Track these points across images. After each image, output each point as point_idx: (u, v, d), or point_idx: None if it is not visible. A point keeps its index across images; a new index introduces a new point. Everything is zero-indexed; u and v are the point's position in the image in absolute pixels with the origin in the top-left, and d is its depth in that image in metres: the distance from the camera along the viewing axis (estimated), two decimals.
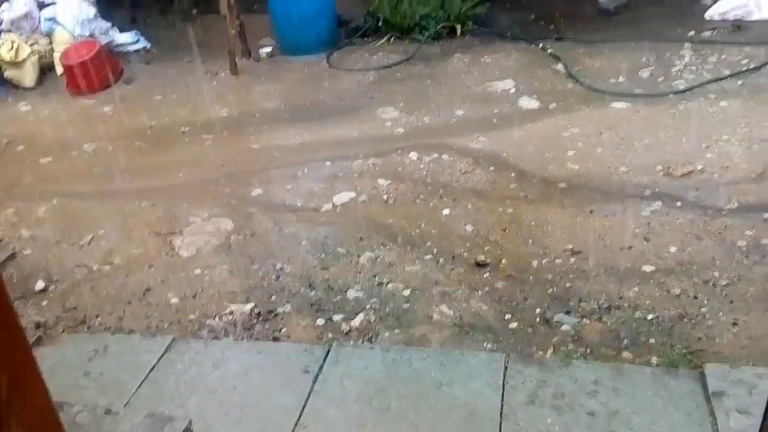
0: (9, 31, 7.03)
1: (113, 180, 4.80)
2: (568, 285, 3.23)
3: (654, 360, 2.73)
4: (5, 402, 0.99)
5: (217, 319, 3.23)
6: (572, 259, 3.41)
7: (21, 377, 1.06)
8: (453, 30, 6.75)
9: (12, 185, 4.89)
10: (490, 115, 5.12)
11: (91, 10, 7.27)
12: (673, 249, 3.39)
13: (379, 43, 6.85)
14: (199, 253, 3.81)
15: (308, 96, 5.91)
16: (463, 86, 5.69)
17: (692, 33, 6.09)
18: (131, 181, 4.76)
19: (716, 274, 3.18)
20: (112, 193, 4.61)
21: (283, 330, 3.13)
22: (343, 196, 4.22)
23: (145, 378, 2.79)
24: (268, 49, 6.95)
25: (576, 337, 2.90)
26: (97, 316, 3.34)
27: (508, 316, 3.07)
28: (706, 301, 3.01)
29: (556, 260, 3.42)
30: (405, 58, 6.40)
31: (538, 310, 3.09)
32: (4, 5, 7.23)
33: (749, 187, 3.82)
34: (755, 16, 6.20)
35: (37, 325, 3.20)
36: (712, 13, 6.43)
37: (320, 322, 3.15)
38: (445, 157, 4.55)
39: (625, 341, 2.85)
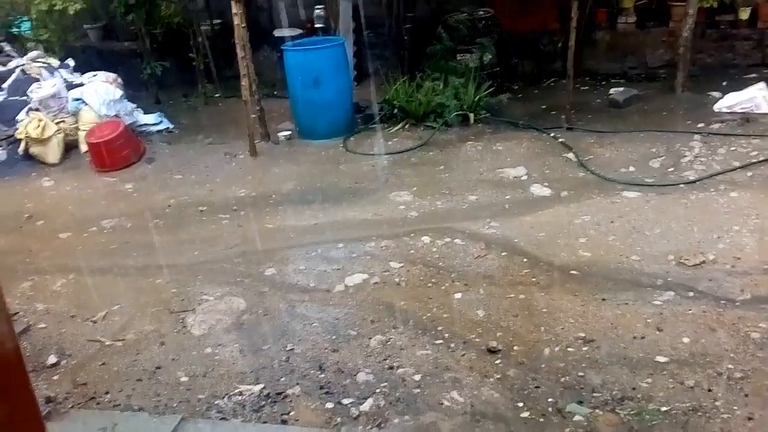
0: (37, 109, 7.31)
1: (130, 256, 4.88)
2: (580, 374, 3.20)
3: None
4: None
5: (226, 399, 3.22)
6: (584, 348, 3.39)
7: None
8: (466, 118, 6.94)
9: (30, 259, 4.97)
10: (502, 201, 5.20)
11: (117, 92, 7.56)
12: (686, 340, 3.37)
13: (394, 129, 7.04)
14: (210, 331, 3.82)
15: (324, 179, 6.04)
16: (475, 172, 5.80)
17: (701, 125, 6.23)
18: (147, 258, 4.83)
19: (730, 366, 3.14)
20: (127, 270, 4.67)
21: (292, 413, 3.10)
22: (356, 278, 4.25)
23: None
24: (286, 133, 7.15)
25: (589, 429, 2.85)
26: (106, 393, 3.33)
27: (519, 405, 3.04)
28: (720, 394, 2.97)
29: (568, 348, 3.40)
30: (419, 144, 6.56)
31: (550, 399, 3.06)
32: (34, 85, 7.54)
33: (761, 279, 3.82)
34: (763, 110, 6.36)
35: (48, 400, 3.20)
36: (721, 106, 6.59)
37: (329, 405, 3.12)
38: (457, 241, 4.60)
39: None
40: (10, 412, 0.99)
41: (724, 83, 7.15)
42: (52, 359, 3.63)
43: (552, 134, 6.41)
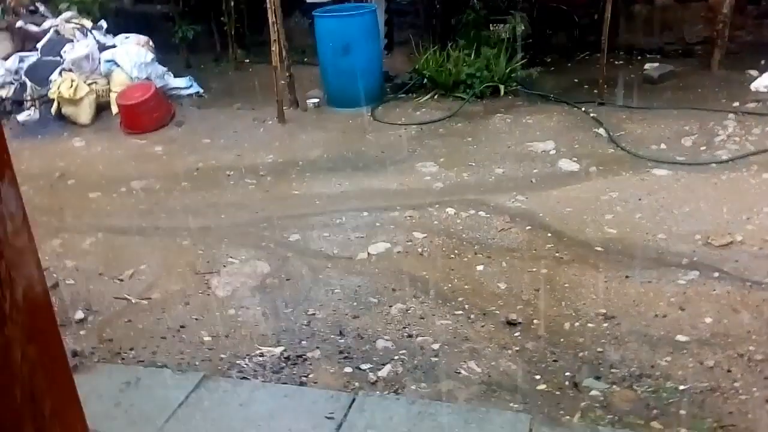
0: (70, 70, 7.38)
1: (158, 217, 4.95)
2: (599, 350, 3.20)
3: None
4: (48, 427, 1.03)
5: (247, 360, 3.28)
6: (605, 324, 3.38)
7: (63, 404, 1.11)
8: (496, 90, 6.86)
9: (60, 217, 5.07)
10: (529, 174, 5.16)
11: (149, 55, 7.60)
12: (708, 320, 3.34)
13: (423, 99, 6.99)
14: (234, 293, 3.88)
15: (351, 147, 6.05)
16: (503, 145, 5.76)
17: (737, 104, 6.10)
18: (175, 219, 4.89)
19: (752, 348, 3.12)
20: (155, 230, 4.75)
21: (311, 375, 3.15)
22: (379, 246, 4.27)
23: (173, 413, 2.82)
24: (315, 100, 7.15)
25: (605, 404, 2.86)
26: (131, 349, 3.41)
27: (536, 377, 3.05)
28: (739, 375, 2.95)
29: (589, 324, 3.39)
30: (447, 115, 6.52)
31: (567, 373, 3.07)
32: (67, 46, 7.61)
33: None
34: None
35: (74, 354, 3.28)
36: (758, 85, 6.43)
37: (348, 369, 3.17)
38: (482, 213, 4.59)
39: (655, 411, 2.80)
40: (39, 353, 1.03)
41: (763, 62, 6.96)
42: (79, 315, 3.72)
43: (583, 109, 6.32)
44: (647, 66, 7.20)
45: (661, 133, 5.68)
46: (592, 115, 6.16)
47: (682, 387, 2.92)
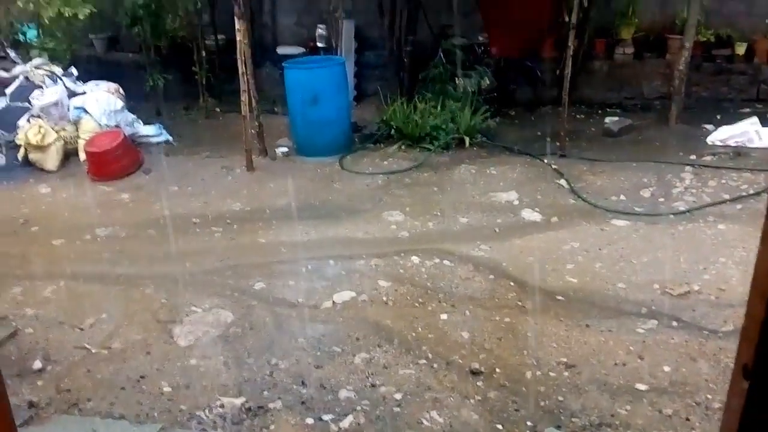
0: (38, 116, 7.37)
1: (122, 265, 4.91)
2: (560, 399, 3.23)
3: None
4: None
5: (207, 411, 3.23)
6: (566, 373, 3.42)
7: None
8: (462, 141, 7.02)
9: (22, 264, 5.00)
10: (493, 224, 5.25)
11: (119, 102, 7.63)
12: (667, 368, 3.40)
13: (391, 149, 7.11)
14: (197, 342, 3.84)
15: (318, 195, 6.09)
16: (468, 195, 5.86)
17: (694, 157, 6.31)
18: (139, 267, 4.86)
19: (709, 396, 3.17)
20: (118, 278, 4.70)
21: (272, 427, 3.12)
22: (344, 295, 4.28)
23: None
24: (284, 149, 7.22)
25: None
26: (89, 400, 3.34)
27: (498, 427, 3.06)
28: (697, 424, 3.00)
29: (550, 373, 3.43)
30: (414, 165, 6.63)
31: (529, 422, 3.08)
32: (36, 92, 7.61)
33: (744, 311, 3.84)
34: (755, 144, 6.44)
35: (30, 405, 3.22)
36: (714, 138, 6.67)
37: (309, 421, 3.14)
38: (446, 262, 4.64)
39: None
40: None
41: (718, 117, 7.24)
42: (37, 365, 3.65)
43: (545, 160, 6.48)
44: (607, 120, 7.44)
45: (620, 184, 5.84)
46: (553, 166, 6.31)
47: None
